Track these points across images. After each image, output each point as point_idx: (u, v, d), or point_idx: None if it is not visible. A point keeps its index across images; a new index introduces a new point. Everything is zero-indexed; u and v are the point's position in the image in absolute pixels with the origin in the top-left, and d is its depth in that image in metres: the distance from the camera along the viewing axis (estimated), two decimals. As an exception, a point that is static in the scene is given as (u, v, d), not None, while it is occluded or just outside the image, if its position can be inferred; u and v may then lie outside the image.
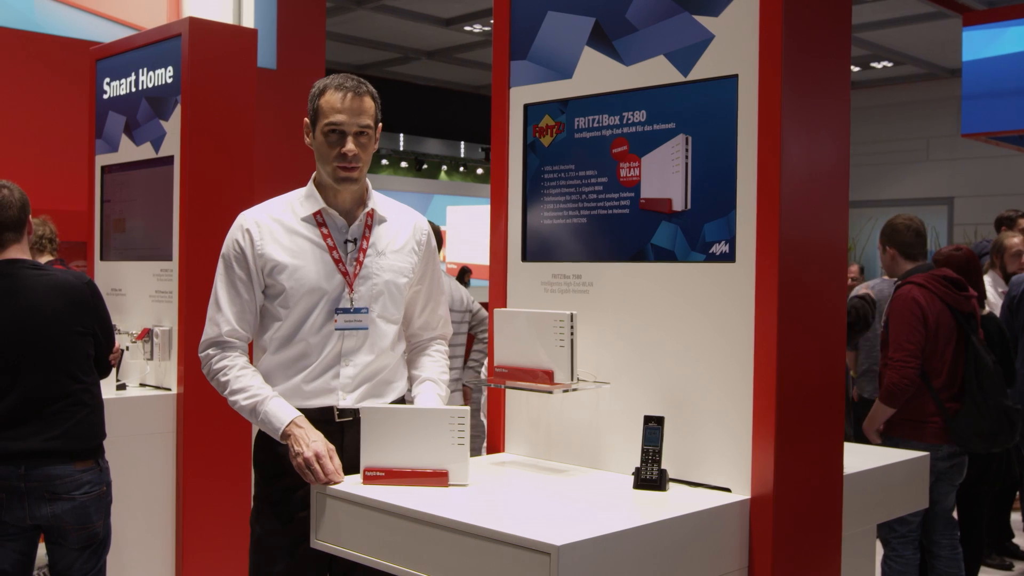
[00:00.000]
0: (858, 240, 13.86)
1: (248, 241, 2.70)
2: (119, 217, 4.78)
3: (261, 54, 7.53)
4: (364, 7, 12.21)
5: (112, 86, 4.80)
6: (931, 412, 4.20)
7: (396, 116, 16.67)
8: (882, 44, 13.35)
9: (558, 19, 2.77)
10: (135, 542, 4.24)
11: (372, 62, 15.34)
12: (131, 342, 4.45)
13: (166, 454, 4.33)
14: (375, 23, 13.01)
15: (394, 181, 17.69)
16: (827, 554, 2.50)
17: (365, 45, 14.15)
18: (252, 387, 2.66)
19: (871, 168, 15.54)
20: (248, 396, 2.64)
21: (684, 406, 2.48)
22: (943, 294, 4.23)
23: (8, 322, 3.26)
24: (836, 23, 2.52)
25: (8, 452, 3.22)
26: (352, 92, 2.69)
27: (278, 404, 2.62)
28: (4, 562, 3.31)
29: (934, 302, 4.23)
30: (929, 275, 4.33)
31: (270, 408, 2.61)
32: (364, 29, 13.32)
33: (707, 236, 2.46)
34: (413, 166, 18.31)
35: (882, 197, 15.18)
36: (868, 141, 15.37)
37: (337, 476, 2.48)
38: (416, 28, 13.18)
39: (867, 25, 12.40)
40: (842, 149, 2.53)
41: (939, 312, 4.22)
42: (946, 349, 4.21)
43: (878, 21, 12.20)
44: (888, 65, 14.53)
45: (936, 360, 4.21)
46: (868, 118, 15.46)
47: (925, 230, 4.52)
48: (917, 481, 3.02)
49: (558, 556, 1.94)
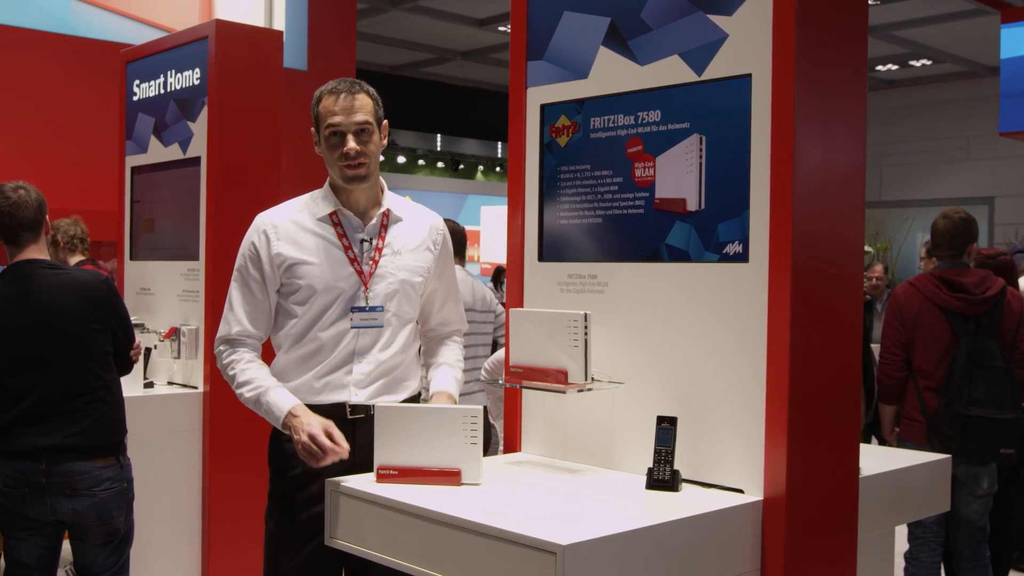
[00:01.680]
0: (895, 239, 13.71)
1: (264, 242, 2.74)
2: (148, 217, 4.85)
3: (292, 55, 7.61)
4: (399, 8, 12.27)
5: (141, 88, 4.86)
6: (916, 412, 4.23)
7: (433, 116, 16.75)
8: (921, 42, 13.20)
9: (574, 19, 2.77)
10: (162, 538, 4.29)
11: (407, 63, 15.41)
12: (159, 341, 4.51)
13: (193, 451, 4.38)
14: (410, 24, 13.07)
15: (430, 181, 17.76)
16: (842, 556, 2.48)
17: (400, 46, 14.22)
18: (256, 379, 2.70)
19: (910, 167, 15.39)
20: (252, 388, 2.69)
21: (698, 407, 2.47)
22: (930, 293, 4.19)
23: (27, 321, 3.31)
24: (852, 20, 2.50)
25: (30, 448, 3.28)
26: (345, 92, 2.73)
27: (279, 394, 2.66)
28: (28, 556, 3.36)
29: (914, 300, 4.23)
30: (922, 274, 4.35)
31: (271, 398, 2.65)
32: (399, 30, 13.39)
33: (721, 236, 2.45)
34: (449, 166, 18.36)
35: (921, 197, 15.01)
36: (907, 140, 15.23)
37: (338, 448, 2.51)
38: (451, 29, 13.23)
39: (905, 23, 12.27)
40: (858, 148, 2.51)
41: (920, 310, 4.20)
42: (931, 348, 4.18)
43: (916, 19, 12.07)
44: (927, 63, 14.37)
45: (919, 358, 4.21)
46: (907, 117, 15.31)
47: (959, 229, 4.39)
48: (938, 484, 2.98)
49: (563, 556, 1.94)
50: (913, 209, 14.03)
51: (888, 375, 4.31)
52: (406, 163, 17.78)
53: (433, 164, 18.11)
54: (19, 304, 3.32)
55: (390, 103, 10.43)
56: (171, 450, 4.32)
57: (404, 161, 17.74)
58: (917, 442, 4.17)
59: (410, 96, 15.86)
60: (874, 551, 2.79)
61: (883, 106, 15.47)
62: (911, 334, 4.23)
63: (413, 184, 14.31)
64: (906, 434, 4.29)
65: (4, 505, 3.32)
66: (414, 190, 13.79)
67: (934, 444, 4.10)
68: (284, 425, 2.62)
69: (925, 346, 4.19)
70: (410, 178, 15.99)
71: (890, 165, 15.50)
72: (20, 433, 3.28)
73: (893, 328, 4.30)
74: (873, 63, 14.45)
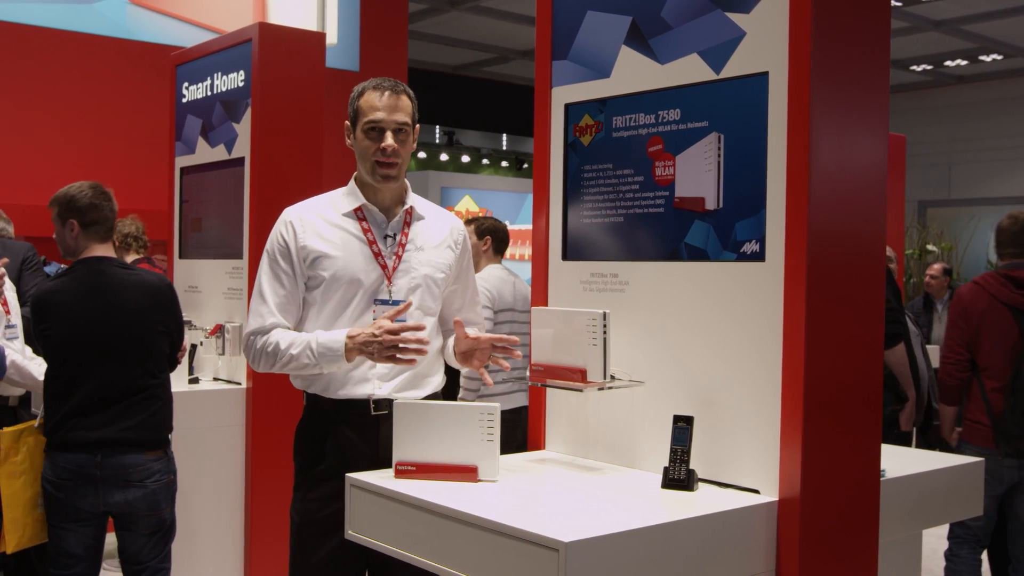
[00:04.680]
0: (961, 238, 13.42)
1: (292, 234, 2.79)
2: (196, 216, 4.96)
3: (344, 57, 7.71)
4: (458, 8, 12.34)
5: (190, 90, 4.97)
6: (981, 413, 4.12)
7: (497, 116, 16.78)
8: (990, 36, 12.88)
9: (597, 18, 2.78)
10: (206, 530, 4.39)
11: (468, 62, 15.47)
12: (204, 338, 4.61)
13: (236, 446, 4.46)
14: (469, 24, 13.13)
15: (494, 180, 17.78)
16: (861, 559, 2.45)
17: (461, 46, 14.29)
18: (298, 337, 2.72)
19: (979, 165, 15.04)
20: (298, 345, 2.70)
21: (716, 406, 2.46)
22: (996, 291, 4.11)
23: (96, 316, 3.43)
24: (873, 15, 2.46)
25: (85, 441, 3.38)
26: (390, 91, 2.76)
27: (327, 334, 2.69)
28: (77, 546, 3.47)
29: (980, 298, 4.15)
30: (988, 272, 4.27)
31: (322, 339, 2.67)
32: (459, 30, 13.46)
33: (738, 235, 2.43)
34: (514, 166, 18.39)
35: (990, 195, 14.65)
36: (976, 138, 14.88)
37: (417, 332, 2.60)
38: (511, 28, 13.25)
39: (974, 17, 11.99)
40: (879, 145, 2.48)
41: (985, 308, 4.11)
42: (997, 347, 4.08)
43: (985, 13, 11.79)
44: (998, 58, 14.02)
45: (985, 357, 4.10)
46: (976, 114, 14.95)
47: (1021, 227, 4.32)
48: (969, 487, 2.92)
49: (566, 552, 1.95)
50: (979, 208, 13.70)
51: (952, 375, 4.22)
52: (470, 162, 17.85)
53: (497, 163, 18.14)
54: (91, 299, 3.44)
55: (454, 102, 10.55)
56: (215, 445, 4.42)
57: (468, 160, 17.81)
58: (981, 445, 4.09)
59: (476, 95, 15.93)
60: (899, 554, 2.75)
61: (952, 103, 15.16)
62: (976, 333, 4.16)
63: (475, 183, 14.34)
64: (969, 436, 4.20)
65: (56, 497, 3.43)
66: (474, 189, 13.82)
67: (1000, 445, 4.02)
68: (348, 349, 2.63)
69: (991, 345, 4.12)
70: (472, 177, 16.02)
71: (959, 163, 15.17)
72: (75, 426, 3.38)
73: (957, 327, 4.23)
74: (941, 58, 14.15)
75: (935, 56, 14.10)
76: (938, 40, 13.19)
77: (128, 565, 3.56)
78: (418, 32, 13.31)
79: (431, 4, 12.07)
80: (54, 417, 3.42)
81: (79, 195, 3.50)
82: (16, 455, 3.49)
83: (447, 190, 13.53)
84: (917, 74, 15.12)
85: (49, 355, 3.48)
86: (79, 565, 3.48)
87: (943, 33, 12.68)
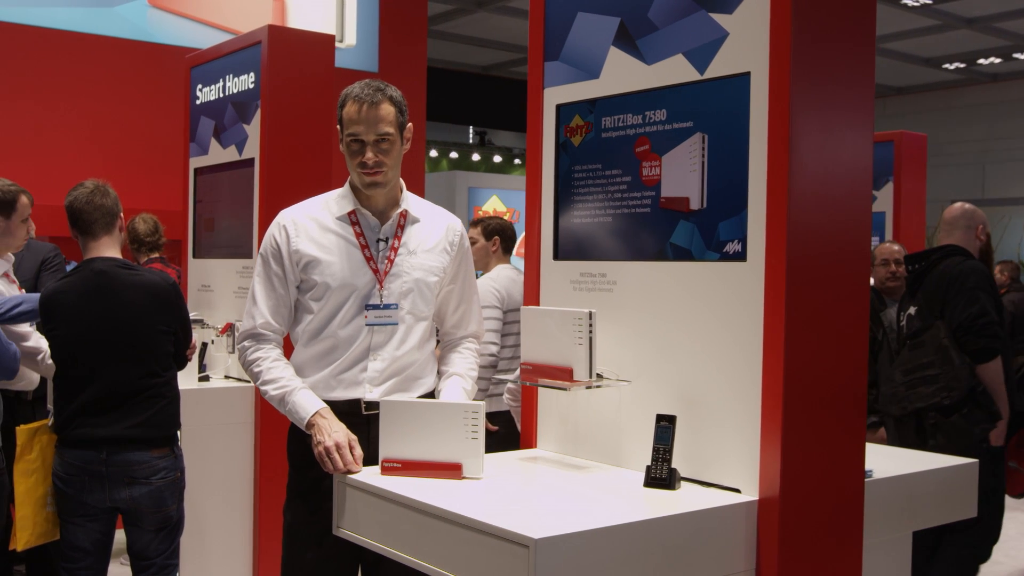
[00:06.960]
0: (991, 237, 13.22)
1: (284, 237, 2.82)
2: (209, 217, 5.03)
3: (363, 58, 7.76)
4: (485, 8, 12.39)
5: (203, 92, 5.04)
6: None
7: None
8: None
9: (587, 20, 2.79)
10: (216, 526, 4.44)
11: (496, 63, 15.51)
12: (215, 336, 4.67)
13: (246, 443, 4.52)
14: (497, 24, 13.17)
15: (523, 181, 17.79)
16: (844, 559, 2.44)
17: (490, 46, 14.33)
18: (282, 378, 2.77)
19: (1016, 164, 14.84)
20: (277, 387, 2.76)
21: (699, 405, 2.47)
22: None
23: (99, 317, 3.48)
24: (856, 14, 2.46)
25: (91, 438, 3.44)
26: (367, 103, 2.76)
27: (305, 395, 2.73)
28: (85, 541, 3.52)
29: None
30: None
31: (297, 399, 2.72)
32: (486, 30, 13.50)
33: (721, 235, 2.44)
34: (544, 166, 18.38)
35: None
36: (1011, 136, 14.69)
37: (355, 466, 2.57)
38: (537, 28, 13.26)
39: (1007, 14, 11.86)
40: (863, 145, 2.47)
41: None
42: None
43: (1019, 9, 11.65)
44: (1032, 56, 13.86)
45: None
46: (1011, 112, 14.76)
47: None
48: (961, 490, 2.90)
49: (535, 549, 1.97)
50: (1011, 208, 13.52)
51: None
52: (502, 162, 17.88)
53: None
54: (93, 299, 3.49)
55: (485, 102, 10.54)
56: (225, 441, 4.47)
57: (500, 160, 17.84)
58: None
59: (508, 96, 15.96)
60: (888, 555, 2.74)
61: (985, 101, 14.98)
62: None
63: (503, 183, 14.37)
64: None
65: (64, 492, 3.49)
66: (501, 189, 13.84)
67: None
68: (309, 425, 2.69)
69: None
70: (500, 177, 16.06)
71: (992, 162, 14.99)
72: (81, 423, 3.44)
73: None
74: (975, 56, 13.99)
75: (968, 54, 13.94)
76: (971, 38, 13.05)
77: (136, 560, 3.61)
78: (446, 32, 13.37)
79: (458, 4, 12.12)
80: (62, 415, 3.48)
81: (71, 203, 3.55)
82: (30, 453, 3.56)
83: (475, 190, 13.56)
84: (950, 72, 14.95)
85: (57, 355, 3.55)
86: (87, 559, 3.54)
87: (976, 31, 12.54)
